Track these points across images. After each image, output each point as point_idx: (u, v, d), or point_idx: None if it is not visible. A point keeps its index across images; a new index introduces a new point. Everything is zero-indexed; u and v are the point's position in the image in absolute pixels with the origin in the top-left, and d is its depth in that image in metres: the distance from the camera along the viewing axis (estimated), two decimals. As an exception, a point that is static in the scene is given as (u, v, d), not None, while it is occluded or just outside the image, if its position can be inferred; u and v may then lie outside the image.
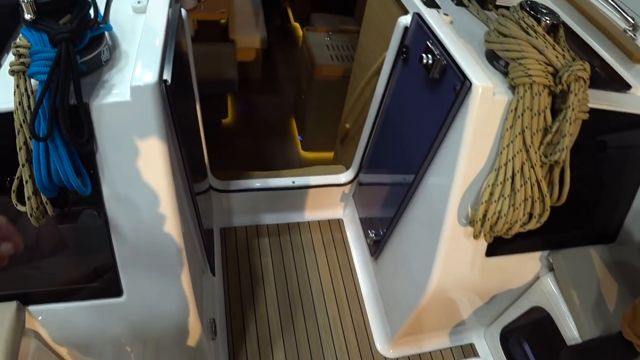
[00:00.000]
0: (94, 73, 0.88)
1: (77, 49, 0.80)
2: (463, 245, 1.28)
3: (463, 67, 1.08)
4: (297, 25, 4.45)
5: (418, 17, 1.30)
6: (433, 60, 1.18)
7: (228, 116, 3.25)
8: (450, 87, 1.12)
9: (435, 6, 1.34)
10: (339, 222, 2.08)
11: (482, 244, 1.29)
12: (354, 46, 2.80)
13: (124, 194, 0.93)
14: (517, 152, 1.06)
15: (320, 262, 1.91)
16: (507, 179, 1.08)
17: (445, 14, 1.30)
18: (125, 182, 0.92)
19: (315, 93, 2.70)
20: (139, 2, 1.09)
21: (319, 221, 2.06)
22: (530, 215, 1.14)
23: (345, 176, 1.94)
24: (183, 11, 1.22)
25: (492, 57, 1.14)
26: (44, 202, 0.84)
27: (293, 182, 1.88)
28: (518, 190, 1.08)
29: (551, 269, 1.43)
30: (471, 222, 1.18)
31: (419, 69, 1.27)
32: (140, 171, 0.91)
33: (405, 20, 1.37)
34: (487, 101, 1.06)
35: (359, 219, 1.96)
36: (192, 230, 1.28)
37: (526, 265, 1.44)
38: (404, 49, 1.38)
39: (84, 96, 0.81)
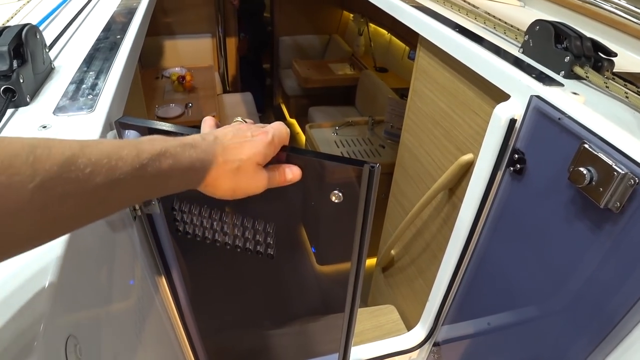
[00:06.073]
0: None
1: None
2: None
3: None
4: (293, 121, 4.09)
5: (541, 102, 0.78)
6: (605, 177, 0.64)
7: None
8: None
9: (553, 82, 0.84)
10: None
11: None
12: (364, 140, 2.59)
13: None
14: None
15: None
16: None
17: (574, 93, 0.80)
18: None
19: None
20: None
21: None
22: None
23: (413, 337, 1.31)
24: None
25: None
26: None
27: None
28: None
29: None
30: None
31: (562, 188, 0.73)
32: None
33: (510, 110, 0.85)
34: None
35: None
36: None
37: None
38: (516, 156, 0.86)
39: None
